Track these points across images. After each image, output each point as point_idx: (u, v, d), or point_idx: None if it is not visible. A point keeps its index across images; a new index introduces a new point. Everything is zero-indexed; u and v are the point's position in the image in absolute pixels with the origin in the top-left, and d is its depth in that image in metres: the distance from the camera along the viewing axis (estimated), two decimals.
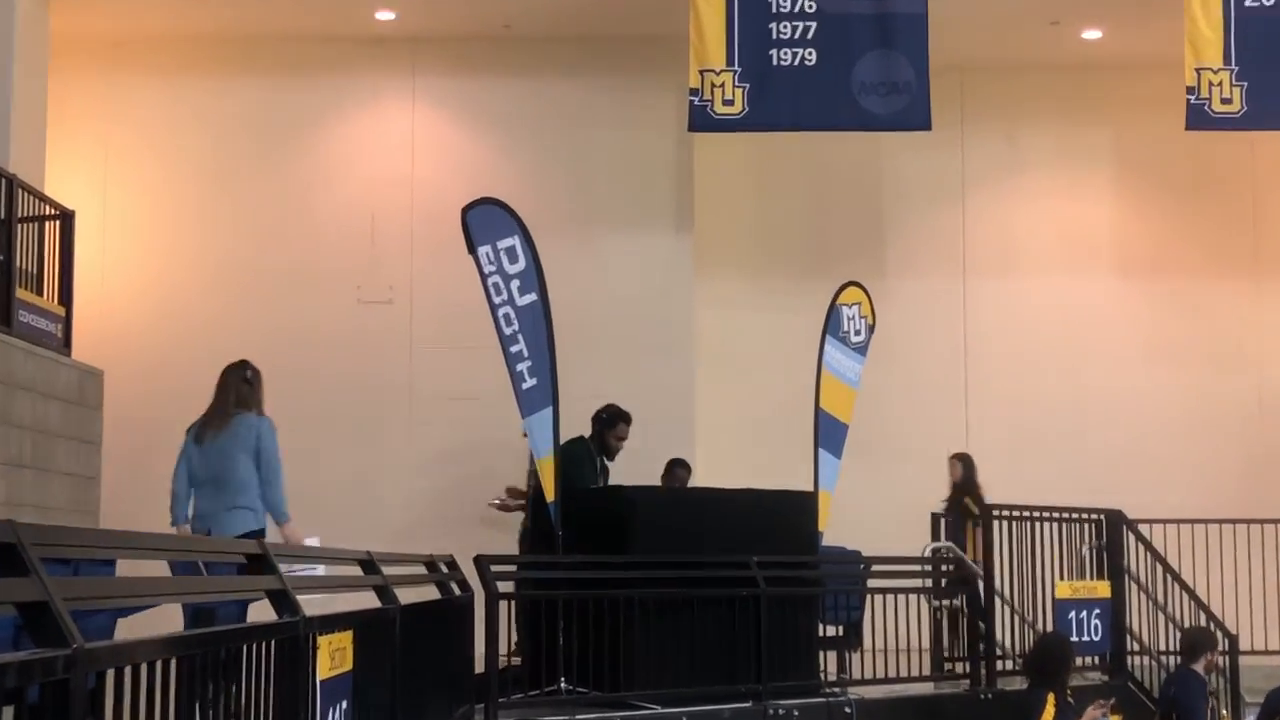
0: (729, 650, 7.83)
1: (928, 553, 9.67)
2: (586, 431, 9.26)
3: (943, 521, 10.27)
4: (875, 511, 11.02)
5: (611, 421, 9.20)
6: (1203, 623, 9.75)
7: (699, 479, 10.78)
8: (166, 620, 4.35)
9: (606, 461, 9.25)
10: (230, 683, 3.34)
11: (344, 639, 4.31)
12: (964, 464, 11.15)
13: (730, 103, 10.33)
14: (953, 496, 10.92)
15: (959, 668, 9.23)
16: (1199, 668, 8.63)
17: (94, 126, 11.91)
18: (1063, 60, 12.77)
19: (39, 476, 9.20)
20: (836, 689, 8.26)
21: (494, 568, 7.23)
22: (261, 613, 4.20)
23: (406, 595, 5.55)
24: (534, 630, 7.42)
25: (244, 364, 7.57)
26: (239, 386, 7.49)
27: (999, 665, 9.00)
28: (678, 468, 10.41)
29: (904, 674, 8.68)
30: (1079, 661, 8.77)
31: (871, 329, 9.74)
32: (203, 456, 7.36)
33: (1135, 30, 11.98)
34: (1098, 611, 9.31)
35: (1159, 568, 9.99)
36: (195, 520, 7.35)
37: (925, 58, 10.33)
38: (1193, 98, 10.50)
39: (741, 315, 12.62)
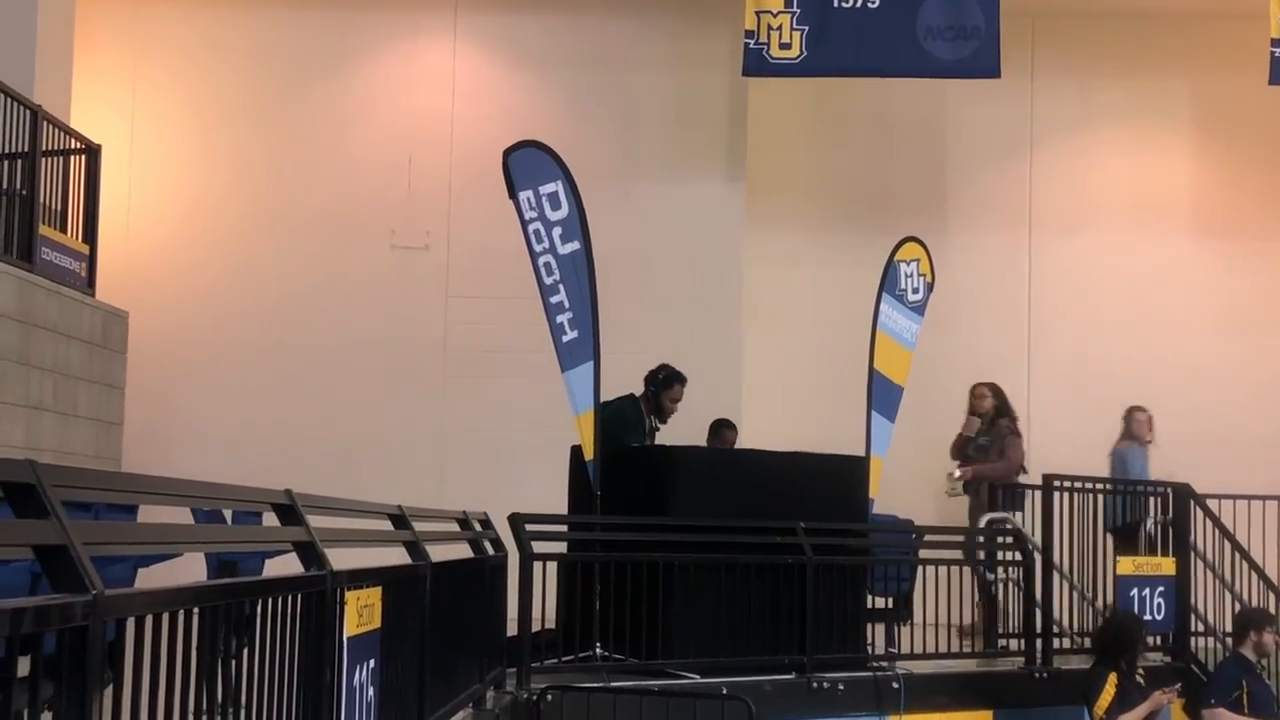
0: (772, 620, 7.68)
1: (983, 523, 9.36)
2: (626, 388, 8.90)
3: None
4: (930, 479, 10.73)
5: (668, 382, 8.87)
6: (1273, 604, 9.46)
7: (745, 440, 10.52)
8: (190, 575, 4.21)
9: (658, 423, 8.91)
10: (254, 636, 3.29)
11: (373, 595, 4.21)
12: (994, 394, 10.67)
13: (787, 46, 10.10)
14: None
15: (1013, 644, 8.94)
16: (1246, 650, 8.45)
17: (122, 58, 11.63)
18: (1140, 7, 12.37)
19: (60, 421, 9.05)
20: (884, 663, 8.11)
21: (529, 527, 7.10)
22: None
23: (438, 553, 5.43)
24: (570, 593, 7.25)
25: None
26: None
27: (1055, 643, 8.80)
28: (725, 429, 10.08)
29: (955, 649, 8.54)
30: None
31: (930, 287, 9.46)
32: None
33: None
34: (1161, 589, 9.11)
35: (1227, 545, 9.69)
36: None
37: (996, 1, 10.02)
38: (1277, 50, 10.25)
39: (793, 270, 12.30)
